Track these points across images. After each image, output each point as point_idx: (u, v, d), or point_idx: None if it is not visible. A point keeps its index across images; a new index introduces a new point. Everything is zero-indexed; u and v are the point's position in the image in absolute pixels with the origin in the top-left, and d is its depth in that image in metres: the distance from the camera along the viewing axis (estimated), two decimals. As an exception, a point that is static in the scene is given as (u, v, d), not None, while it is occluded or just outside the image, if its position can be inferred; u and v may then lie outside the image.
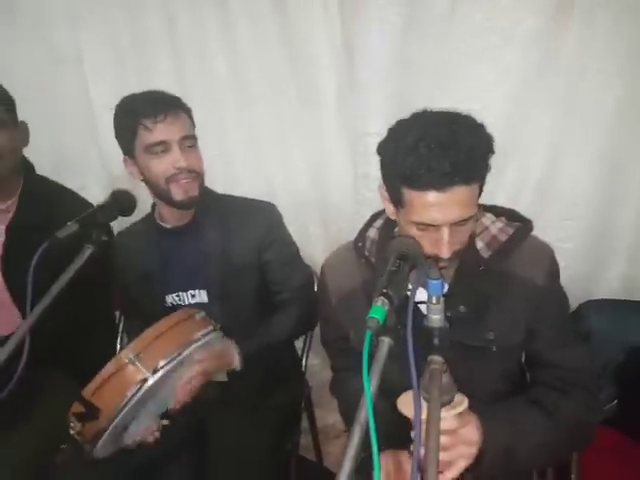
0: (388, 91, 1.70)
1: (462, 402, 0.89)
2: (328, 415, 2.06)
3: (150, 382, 1.13)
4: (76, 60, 1.97)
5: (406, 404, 0.87)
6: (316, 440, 1.90)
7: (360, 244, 1.19)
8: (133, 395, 1.12)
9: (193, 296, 1.48)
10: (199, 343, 1.22)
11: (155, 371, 1.14)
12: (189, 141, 1.37)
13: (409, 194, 0.97)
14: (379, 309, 0.79)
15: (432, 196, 0.94)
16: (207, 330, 1.25)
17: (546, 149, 1.62)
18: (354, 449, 0.70)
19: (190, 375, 1.25)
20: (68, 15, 1.93)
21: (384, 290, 0.82)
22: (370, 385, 0.73)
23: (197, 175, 1.39)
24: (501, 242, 1.10)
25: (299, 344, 1.74)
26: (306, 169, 1.92)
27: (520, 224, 1.13)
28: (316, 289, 1.32)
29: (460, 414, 0.89)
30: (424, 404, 0.78)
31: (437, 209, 0.95)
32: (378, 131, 1.68)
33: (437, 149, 0.93)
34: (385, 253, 1.12)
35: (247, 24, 1.81)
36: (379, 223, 1.22)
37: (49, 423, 1.52)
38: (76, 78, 1.98)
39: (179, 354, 1.17)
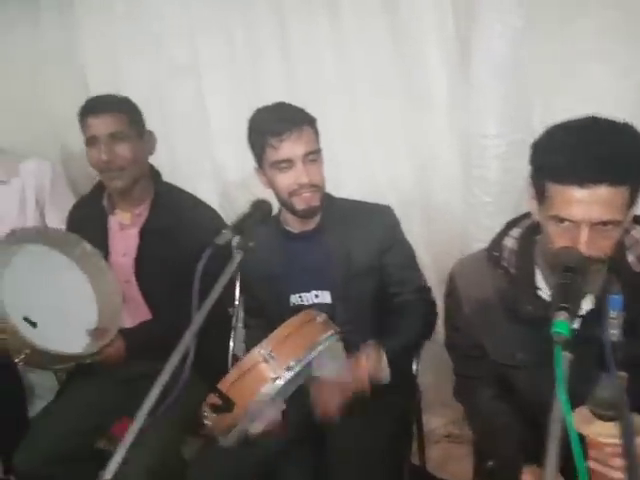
0: (503, 92, 1.66)
1: None
2: (429, 420, 2.05)
3: (282, 380, 1.18)
4: (192, 71, 2.05)
5: (582, 421, 0.84)
6: (422, 445, 1.89)
7: (496, 253, 1.17)
8: (267, 392, 1.17)
9: (317, 296, 1.53)
10: (323, 346, 1.26)
11: (289, 369, 1.18)
12: (312, 155, 1.42)
13: (552, 189, 0.98)
14: (563, 324, 0.78)
15: (574, 192, 0.94)
16: (329, 334, 1.28)
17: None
18: (552, 466, 0.68)
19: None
20: (186, 28, 2.03)
21: (564, 304, 0.80)
22: (563, 400, 0.70)
23: (318, 188, 1.45)
24: None
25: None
26: (413, 170, 1.92)
27: None
28: (445, 295, 1.32)
29: None
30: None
31: (577, 205, 0.94)
32: (496, 133, 1.65)
33: (586, 146, 0.93)
34: (526, 263, 1.13)
35: (357, 27, 1.83)
36: (517, 232, 1.19)
37: (179, 416, 1.62)
38: (192, 89, 2.07)
39: (307, 355, 1.22)
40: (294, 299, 1.56)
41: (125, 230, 1.71)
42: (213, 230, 1.65)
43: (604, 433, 0.84)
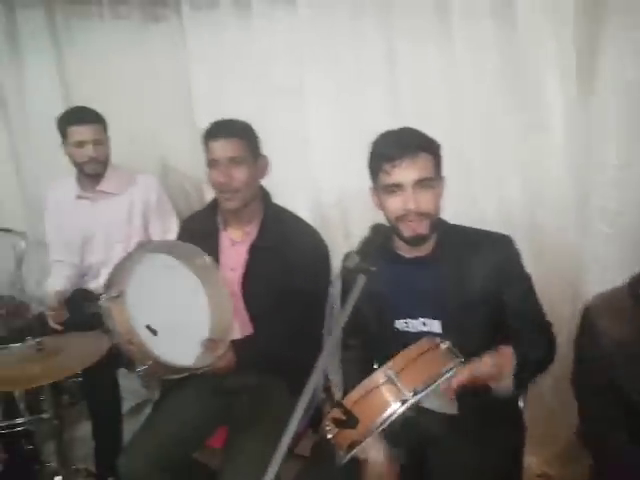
0: (627, 120, 1.62)
1: None
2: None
3: (408, 403, 1.15)
4: (296, 95, 2.11)
5: None
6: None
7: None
8: (392, 413, 1.15)
9: (424, 324, 1.50)
10: (448, 375, 1.21)
11: (415, 393, 1.15)
12: (425, 182, 1.40)
13: None
14: None
15: None
16: (455, 363, 1.24)
17: None
18: None
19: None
20: (293, 53, 2.10)
21: None
22: None
23: (427, 216, 1.41)
24: None
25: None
26: (524, 198, 1.87)
27: None
28: (579, 330, 1.26)
29: None
30: None
31: None
32: (619, 162, 1.61)
33: None
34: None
35: (469, 52, 1.82)
36: None
37: (276, 428, 1.64)
38: (295, 112, 2.14)
39: (434, 382, 1.18)
40: (399, 324, 1.53)
41: (235, 246, 1.77)
42: (316, 251, 1.74)
43: None
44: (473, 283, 1.43)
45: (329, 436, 1.20)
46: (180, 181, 2.70)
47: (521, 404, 1.64)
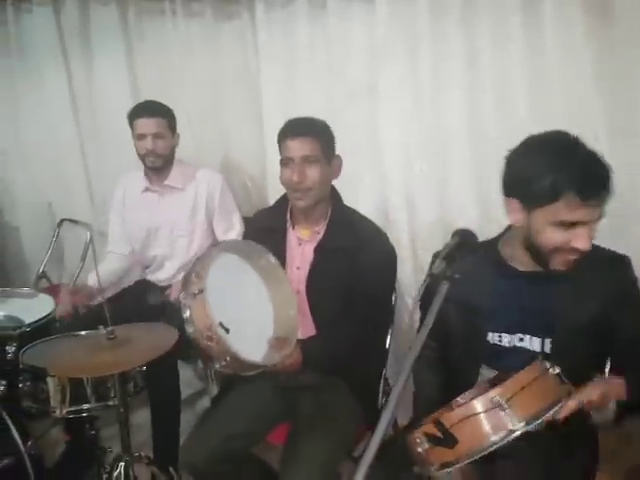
0: None
1: None
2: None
3: (518, 432, 1.10)
4: (370, 92, 2.09)
5: None
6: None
7: None
8: (498, 441, 1.10)
9: (521, 340, 1.43)
10: (561, 404, 1.16)
11: (527, 423, 1.10)
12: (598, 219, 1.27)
13: None
14: None
15: None
16: (565, 391, 1.18)
17: None
18: None
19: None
20: (367, 52, 2.08)
21: None
22: None
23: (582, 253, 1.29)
24: None
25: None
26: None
27: None
28: None
29: None
30: None
31: None
32: None
33: None
34: None
35: (557, 56, 1.77)
36: None
37: (339, 434, 1.64)
38: (367, 112, 2.12)
39: (545, 413, 1.13)
40: (492, 337, 1.45)
41: (302, 245, 1.77)
42: (384, 255, 1.72)
43: None
44: (587, 303, 1.34)
45: (419, 449, 1.17)
46: (242, 178, 2.72)
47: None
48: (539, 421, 1.11)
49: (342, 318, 1.66)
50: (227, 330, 1.40)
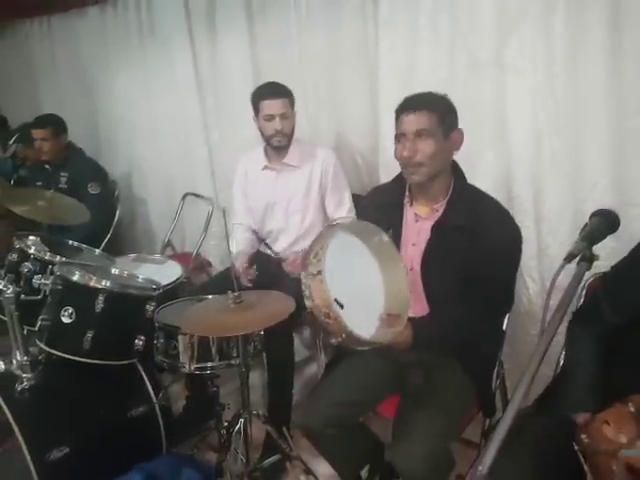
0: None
1: None
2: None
3: None
4: (495, 64, 2.02)
5: None
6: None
7: None
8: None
9: None
10: None
11: None
12: None
13: None
14: None
15: None
16: None
17: None
18: None
19: None
20: (494, 23, 2.00)
21: None
22: None
23: None
24: None
25: None
26: None
27: None
28: None
29: None
30: None
31: None
32: None
33: None
34: None
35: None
36: None
37: (450, 411, 1.65)
38: (492, 87, 2.06)
39: None
40: None
41: (420, 222, 1.76)
42: (508, 236, 1.65)
43: None
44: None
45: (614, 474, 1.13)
46: (353, 155, 2.74)
47: None
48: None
49: (457, 298, 1.64)
50: (342, 305, 1.44)
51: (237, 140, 3.00)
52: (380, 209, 1.84)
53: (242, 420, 1.92)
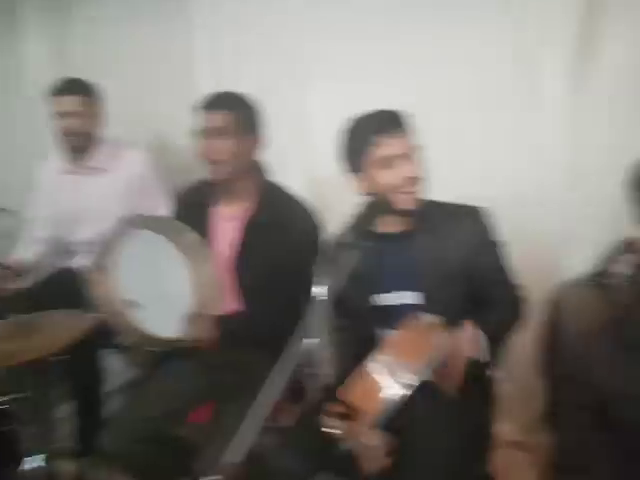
0: (621, 102, 1.63)
1: None
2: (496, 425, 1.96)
3: (408, 386, 1.15)
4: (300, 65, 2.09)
5: None
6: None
7: (607, 281, 1.15)
8: (392, 399, 1.15)
9: (405, 297, 1.52)
10: (438, 351, 1.23)
11: (414, 374, 1.16)
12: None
13: None
14: None
15: None
16: (441, 337, 1.26)
17: None
18: None
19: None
20: (298, 27, 2.07)
21: None
22: None
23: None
24: None
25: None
26: (514, 176, 1.89)
27: None
28: (547, 323, 1.29)
29: None
30: None
31: None
32: (612, 143, 1.62)
33: None
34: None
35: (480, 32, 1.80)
36: (628, 259, 1.15)
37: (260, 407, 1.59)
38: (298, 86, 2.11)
39: (429, 361, 1.20)
40: (380, 299, 1.54)
41: (229, 222, 1.73)
42: (312, 231, 1.71)
43: None
44: (450, 254, 1.47)
45: (333, 431, 1.20)
46: (174, 157, 2.62)
47: (490, 374, 1.62)
48: (424, 367, 1.18)
49: (269, 294, 1.65)
50: (137, 305, 1.39)
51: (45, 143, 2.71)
52: (190, 209, 1.81)
53: (43, 457, 1.70)
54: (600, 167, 1.72)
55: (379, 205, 1.41)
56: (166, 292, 1.52)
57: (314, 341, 1.80)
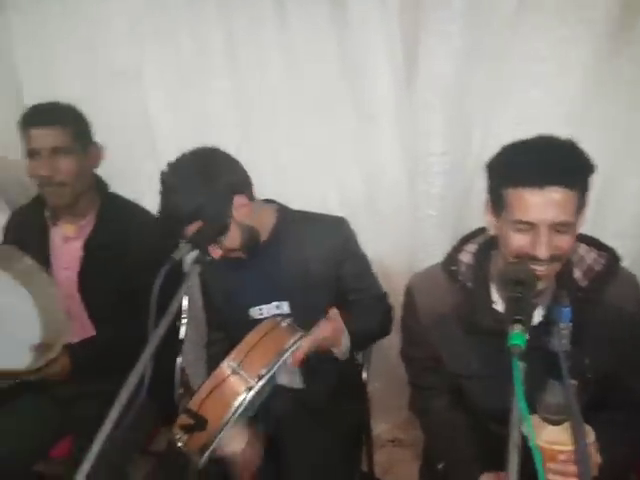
0: (448, 112, 1.75)
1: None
2: (375, 425, 2.10)
3: (255, 389, 1.15)
4: (134, 77, 2.00)
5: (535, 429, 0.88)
6: (370, 450, 1.93)
7: (454, 268, 1.22)
8: (240, 404, 1.14)
9: (277, 307, 1.53)
10: (292, 349, 1.24)
11: (260, 378, 1.16)
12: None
13: (512, 195, 1.03)
14: (519, 335, 0.84)
15: (533, 195, 1.00)
16: (297, 337, 1.27)
17: (604, 168, 1.67)
18: (514, 473, 0.73)
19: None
20: (128, 33, 1.97)
21: (517, 317, 0.87)
22: (523, 408, 0.75)
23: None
24: (597, 272, 1.14)
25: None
26: (361, 184, 1.95)
27: (608, 254, 1.17)
28: (403, 308, 1.35)
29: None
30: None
31: (536, 207, 1.00)
32: (442, 151, 1.74)
33: (540, 153, 1.03)
34: (482, 278, 1.19)
35: (305, 39, 1.84)
36: (473, 247, 1.24)
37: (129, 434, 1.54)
38: (134, 95, 2.03)
39: (277, 361, 1.19)
40: (254, 312, 1.54)
41: (69, 243, 1.65)
42: (157, 245, 1.60)
43: (556, 440, 0.91)
44: (313, 264, 1.48)
45: (179, 444, 1.18)
46: (16, 173, 2.42)
47: (365, 376, 1.75)
48: (272, 370, 1.17)
49: (119, 314, 1.59)
50: None
51: None
52: (23, 233, 1.68)
53: None
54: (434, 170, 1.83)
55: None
56: (7, 323, 1.44)
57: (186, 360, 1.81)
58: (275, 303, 1.52)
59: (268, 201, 1.57)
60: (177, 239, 1.27)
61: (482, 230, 1.23)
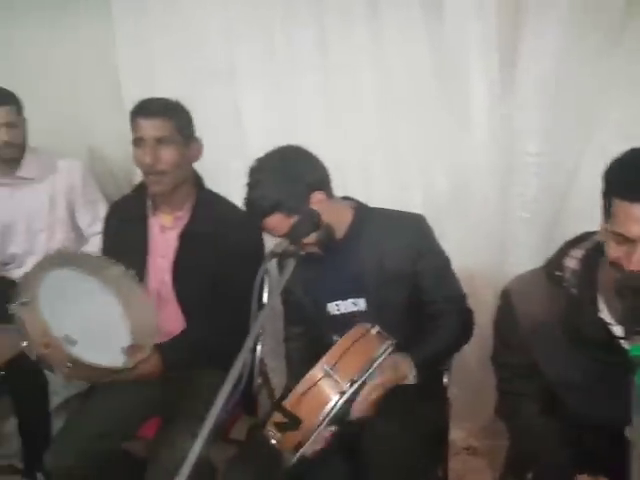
0: (548, 110, 1.70)
1: None
2: (450, 432, 2.07)
3: (348, 394, 1.17)
4: (228, 76, 2.07)
5: None
6: (445, 457, 1.90)
7: (559, 273, 1.18)
8: (333, 407, 1.17)
9: (354, 303, 1.54)
10: (381, 358, 1.26)
11: (352, 383, 1.18)
12: None
13: (617, 205, 1.00)
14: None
15: (637, 209, 0.95)
16: (386, 345, 1.29)
17: None
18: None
19: (370, 389, 1.28)
20: (223, 33, 2.04)
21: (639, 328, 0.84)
22: None
23: None
24: None
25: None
26: (449, 184, 1.93)
27: None
28: (498, 312, 1.32)
29: None
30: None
31: (637, 223, 0.96)
32: (538, 151, 1.69)
33: None
34: (589, 285, 1.14)
35: (397, 38, 1.84)
36: (579, 253, 1.18)
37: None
38: (227, 94, 2.09)
39: (369, 368, 1.22)
40: (331, 307, 1.56)
41: (165, 232, 1.72)
42: (250, 239, 1.67)
43: None
44: (390, 260, 1.48)
45: (273, 442, 1.21)
46: (108, 166, 2.58)
47: (446, 381, 1.72)
48: (365, 376, 1.20)
49: (211, 306, 1.64)
50: (73, 342, 1.35)
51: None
52: (123, 223, 1.76)
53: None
54: (528, 172, 1.78)
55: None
56: (100, 327, 1.50)
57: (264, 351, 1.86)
58: (351, 300, 1.53)
59: (346, 199, 1.58)
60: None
61: (588, 235, 1.19)
